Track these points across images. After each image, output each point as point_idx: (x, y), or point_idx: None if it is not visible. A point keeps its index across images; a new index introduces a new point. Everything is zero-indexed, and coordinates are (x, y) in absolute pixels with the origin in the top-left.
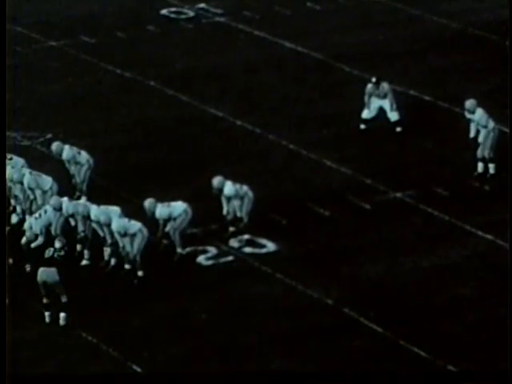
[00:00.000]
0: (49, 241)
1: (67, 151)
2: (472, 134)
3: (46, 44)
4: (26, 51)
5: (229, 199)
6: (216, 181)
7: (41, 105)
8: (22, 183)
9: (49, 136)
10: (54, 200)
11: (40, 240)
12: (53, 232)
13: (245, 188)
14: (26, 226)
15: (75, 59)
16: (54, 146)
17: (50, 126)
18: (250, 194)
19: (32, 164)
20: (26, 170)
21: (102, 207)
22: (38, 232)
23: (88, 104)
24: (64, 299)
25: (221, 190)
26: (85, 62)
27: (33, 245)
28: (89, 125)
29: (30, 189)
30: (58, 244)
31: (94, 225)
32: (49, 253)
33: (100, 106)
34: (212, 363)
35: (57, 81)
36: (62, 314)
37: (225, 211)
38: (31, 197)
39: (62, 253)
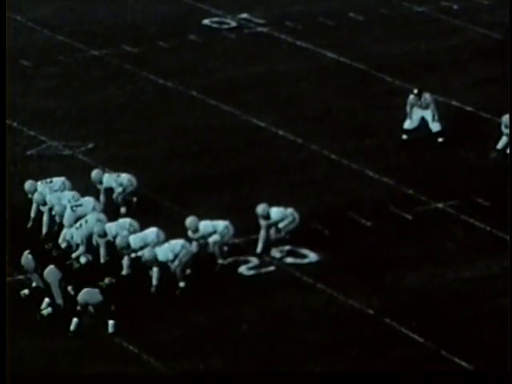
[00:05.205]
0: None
1: (107, 178)
2: (500, 146)
3: (88, 53)
4: (68, 60)
5: (276, 223)
6: (260, 208)
7: (83, 114)
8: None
9: (90, 145)
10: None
11: (81, 249)
12: (94, 242)
13: (290, 210)
14: (66, 236)
15: (117, 68)
16: (94, 173)
17: (92, 136)
18: (296, 215)
19: (73, 174)
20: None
21: (140, 234)
22: (78, 242)
23: (130, 113)
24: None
25: (265, 216)
26: (127, 72)
27: (74, 255)
28: (130, 134)
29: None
30: (83, 260)
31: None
32: (70, 261)
33: (142, 116)
34: (252, 373)
35: (99, 90)
36: (111, 322)
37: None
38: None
39: (77, 265)
